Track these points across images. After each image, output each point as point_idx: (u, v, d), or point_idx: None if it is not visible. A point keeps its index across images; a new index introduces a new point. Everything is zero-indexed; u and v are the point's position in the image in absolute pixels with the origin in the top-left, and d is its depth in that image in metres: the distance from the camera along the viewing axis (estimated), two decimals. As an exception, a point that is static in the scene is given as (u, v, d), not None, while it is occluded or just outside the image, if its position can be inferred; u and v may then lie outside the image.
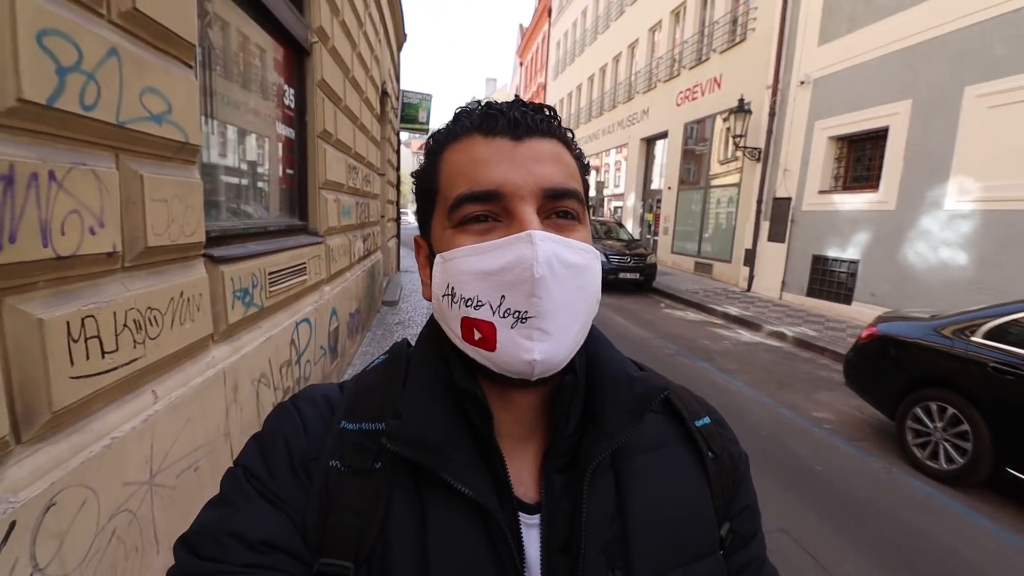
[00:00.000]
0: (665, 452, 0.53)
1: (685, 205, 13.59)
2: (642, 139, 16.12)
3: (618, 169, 18.78)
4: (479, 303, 0.44)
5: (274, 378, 2.57)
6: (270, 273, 2.55)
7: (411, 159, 46.03)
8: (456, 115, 0.50)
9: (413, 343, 0.58)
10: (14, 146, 1.09)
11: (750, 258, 10.46)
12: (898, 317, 4.04)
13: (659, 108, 14.85)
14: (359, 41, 5.12)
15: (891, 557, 2.59)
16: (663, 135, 14.75)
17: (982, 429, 3.07)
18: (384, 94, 7.86)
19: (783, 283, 9.57)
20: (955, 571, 2.53)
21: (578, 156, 0.52)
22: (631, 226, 16.72)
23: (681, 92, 13.53)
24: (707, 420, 0.58)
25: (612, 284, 10.19)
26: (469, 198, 0.45)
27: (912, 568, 2.53)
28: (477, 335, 0.45)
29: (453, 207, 0.46)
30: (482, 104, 0.49)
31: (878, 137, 7.78)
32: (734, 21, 11.38)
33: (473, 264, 0.44)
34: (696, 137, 13.15)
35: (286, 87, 3.31)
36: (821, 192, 8.78)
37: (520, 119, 0.46)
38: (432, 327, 0.54)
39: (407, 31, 10.68)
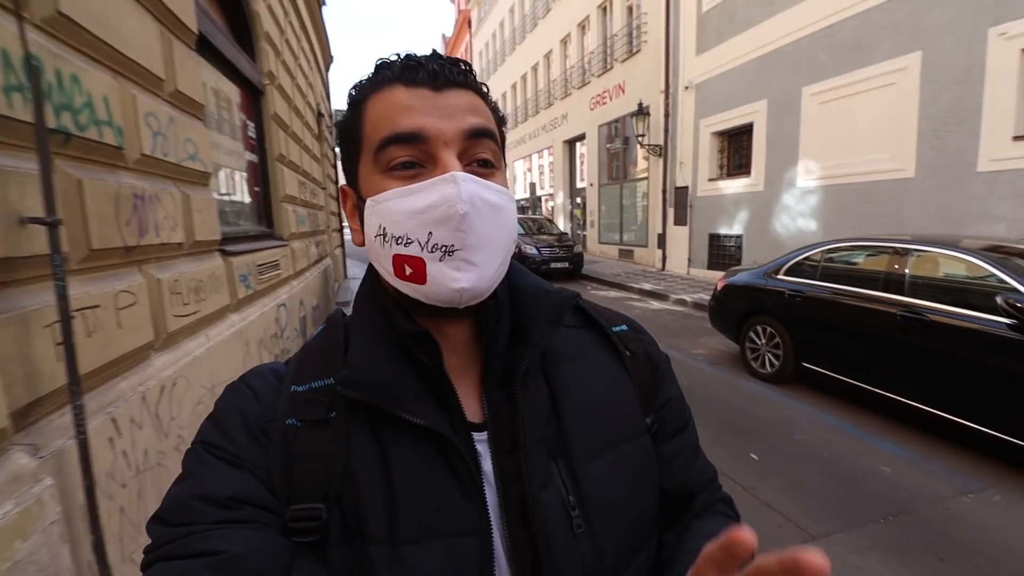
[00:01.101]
0: (588, 357, 0.59)
1: (606, 199, 15.01)
2: (564, 141, 17.50)
3: (552, 171, 20.07)
4: (408, 240, 0.47)
5: (268, 343, 3.40)
6: (258, 265, 3.38)
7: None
8: (378, 66, 0.52)
9: (343, 311, 0.61)
10: (142, 180, 1.94)
11: (662, 241, 11.92)
12: (739, 270, 5.34)
13: (576, 112, 16.24)
14: (296, 73, 5.91)
15: (724, 428, 3.74)
16: (582, 137, 16.16)
17: (786, 338, 4.34)
18: (319, 115, 8.59)
19: (689, 260, 11.05)
20: (760, 428, 3.72)
21: (494, 108, 0.55)
22: (562, 222, 18.07)
23: (593, 97, 14.95)
24: (624, 327, 0.64)
25: (545, 274, 11.24)
26: (393, 139, 0.47)
27: (734, 430, 3.70)
28: (408, 270, 0.48)
29: (379, 149, 0.48)
30: (401, 56, 0.51)
31: (747, 131, 9.33)
32: (629, 34, 12.86)
33: (402, 204, 0.47)
34: (610, 137, 14.58)
35: (248, 122, 4.11)
36: (710, 180, 10.30)
37: (439, 71, 0.49)
38: (366, 286, 0.57)
39: (333, 52, 11.38)
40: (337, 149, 0.58)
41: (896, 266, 3.64)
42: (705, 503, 0.63)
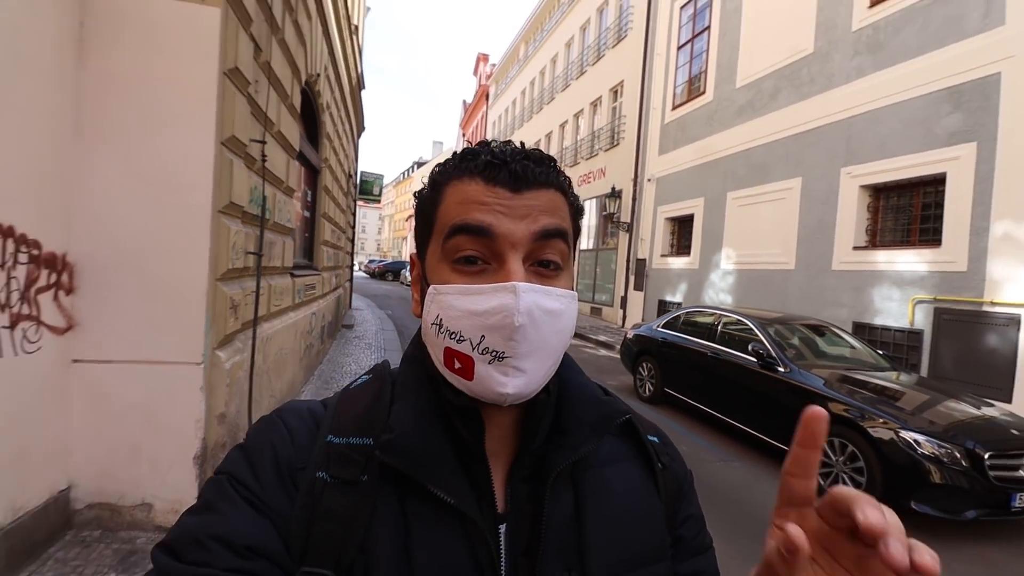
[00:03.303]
0: (619, 466, 0.57)
1: (584, 264, 17.15)
2: (555, 209, 19.84)
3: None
4: (461, 338, 0.47)
5: (303, 335, 5.30)
6: (305, 285, 5.33)
7: (362, 214, 49.13)
8: (463, 154, 0.53)
9: (390, 363, 0.60)
10: (271, 233, 3.91)
11: (623, 303, 13.89)
12: (641, 324, 7.26)
13: (567, 186, 18.65)
14: (339, 150, 8.10)
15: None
16: (570, 207, 18.48)
17: (656, 371, 6.19)
18: (349, 176, 10.82)
19: (643, 319, 12.97)
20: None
21: (572, 203, 0.54)
22: (547, 279, 20.17)
23: (581, 175, 17.40)
24: (656, 438, 0.62)
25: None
26: (462, 229, 0.48)
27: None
28: (457, 364, 0.48)
29: (448, 236, 0.49)
30: (488, 148, 0.52)
31: (690, 220, 11.51)
32: (612, 130, 15.41)
33: (461, 303, 0.47)
34: (590, 210, 16.88)
35: (308, 190, 6.18)
36: (662, 256, 12.40)
37: (521, 173, 0.49)
38: (417, 348, 0.56)
39: (365, 118, 13.83)
40: (412, 220, 0.75)
41: (713, 323, 5.57)
42: None
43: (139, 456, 2.56)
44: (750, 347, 4.80)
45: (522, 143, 0.54)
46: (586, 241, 17.19)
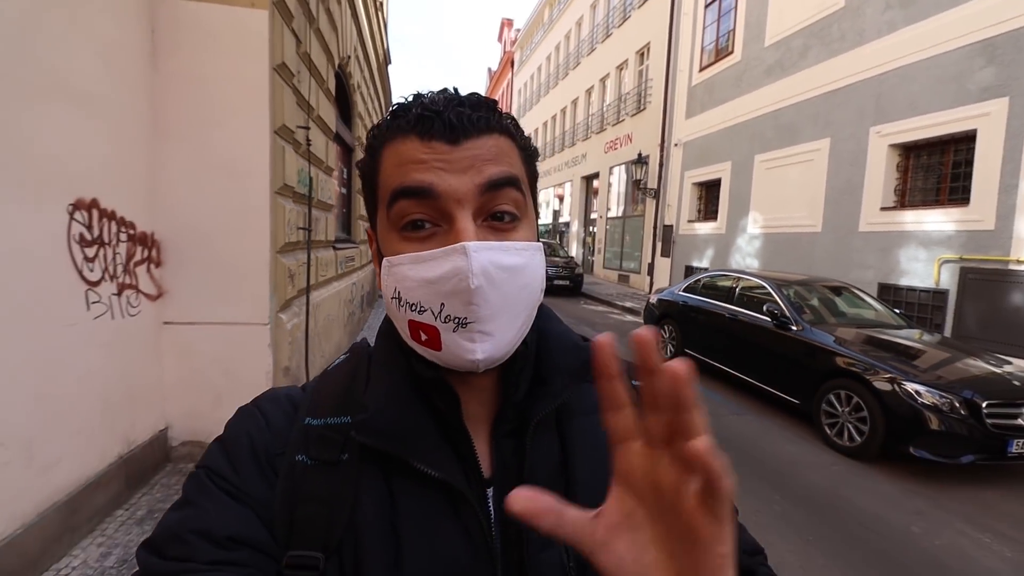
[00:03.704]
0: None
1: (612, 232, 17.20)
2: (582, 177, 19.85)
3: (572, 202, 22.44)
4: (422, 308, 0.46)
5: (345, 304, 5.77)
6: (345, 257, 5.77)
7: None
8: (394, 112, 0.49)
9: (368, 340, 0.59)
10: (316, 210, 4.32)
11: (651, 269, 14.01)
12: (663, 289, 7.47)
13: (593, 153, 18.60)
14: (369, 126, 8.44)
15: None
16: (597, 175, 18.47)
17: (677, 333, 6.45)
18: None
19: (669, 286, 13.08)
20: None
21: (523, 145, 0.51)
22: (574, 248, 20.32)
23: (607, 142, 17.29)
24: None
25: (549, 289, 13.41)
26: (402, 193, 0.46)
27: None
28: (423, 336, 0.47)
29: (391, 203, 0.47)
30: (420, 100, 0.48)
31: (717, 185, 11.45)
32: (639, 94, 15.19)
33: (415, 272, 0.46)
34: (617, 178, 16.85)
35: (343, 168, 6.56)
36: (689, 221, 12.41)
37: (456, 122, 0.45)
38: (389, 323, 0.54)
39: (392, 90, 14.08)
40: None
41: (732, 286, 5.77)
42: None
43: (220, 402, 3.04)
44: (765, 308, 5.01)
45: (455, 88, 0.50)
46: (614, 209, 17.22)
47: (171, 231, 2.91)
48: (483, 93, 0.54)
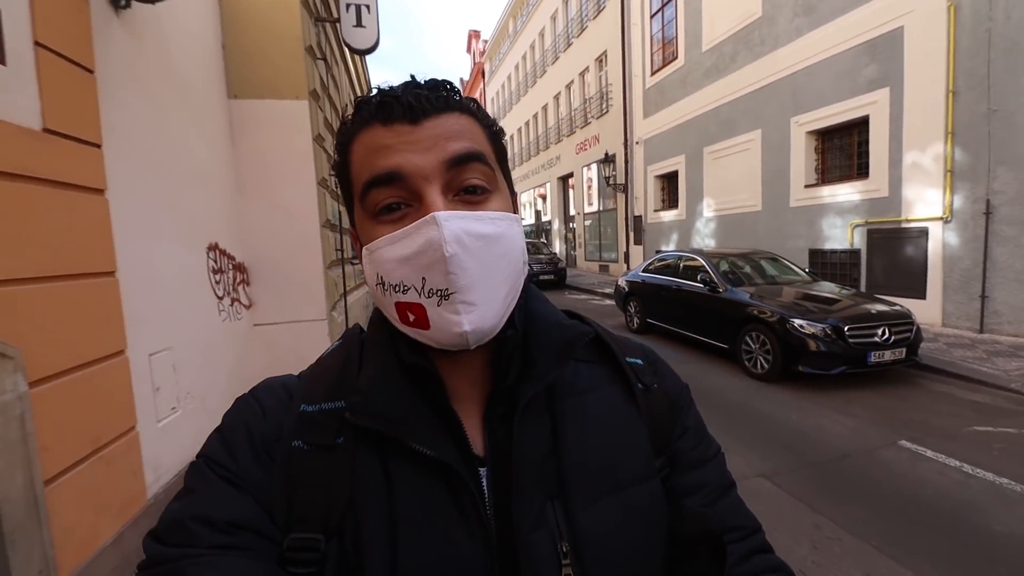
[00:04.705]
0: (597, 392, 0.56)
1: (591, 226, 18.54)
2: (558, 178, 21.18)
3: (551, 201, 23.76)
4: (405, 287, 0.47)
5: (365, 308, 7.02)
6: (358, 270, 7.01)
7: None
8: (356, 106, 0.51)
9: (361, 327, 0.61)
10: (337, 233, 5.57)
11: (626, 257, 15.34)
12: (628, 272, 8.79)
13: (566, 155, 19.94)
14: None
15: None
16: (571, 175, 19.80)
17: (641, 307, 7.75)
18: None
19: (645, 271, 14.45)
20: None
21: (486, 124, 0.52)
22: (557, 244, 21.65)
23: (578, 144, 18.62)
24: (639, 360, 0.62)
25: (536, 284, 14.85)
26: (372, 182, 0.47)
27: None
28: (411, 316, 0.48)
29: (363, 194, 0.48)
30: (378, 92, 0.50)
31: (675, 176, 12.80)
32: (601, 98, 16.54)
33: (392, 252, 0.47)
34: (591, 175, 18.18)
35: (349, 196, 7.83)
36: (655, 211, 13.76)
37: (415, 103, 0.47)
38: (379, 311, 0.56)
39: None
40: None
41: (676, 262, 7.09)
42: (748, 568, 0.54)
43: (297, 378, 4.29)
44: (699, 277, 6.32)
45: (412, 76, 0.51)
46: (593, 205, 18.56)
47: (254, 259, 4.15)
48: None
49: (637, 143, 14.22)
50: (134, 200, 2.61)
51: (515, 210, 0.53)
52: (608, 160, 15.12)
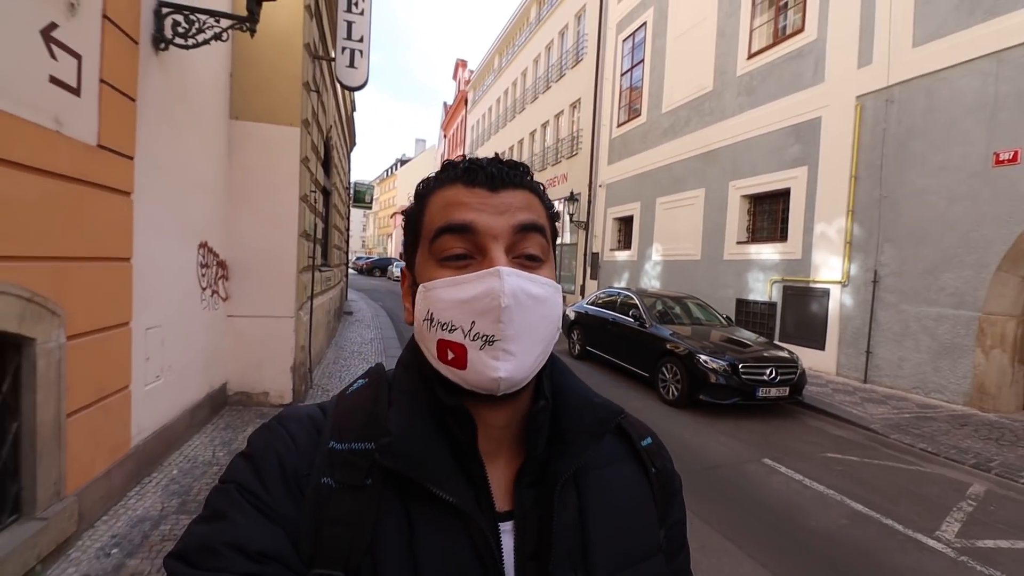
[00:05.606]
0: (617, 467, 0.61)
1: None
2: (527, 209, 22.13)
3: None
4: (453, 327, 0.50)
5: (328, 313, 7.54)
6: (325, 278, 7.57)
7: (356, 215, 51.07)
8: (443, 166, 0.57)
9: (385, 366, 0.63)
10: (309, 243, 6.16)
11: (582, 291, 16.27)
12: (574, 304, 9.63)
13: (536, 189, 20.94)
14: (341, 172, 10.30)
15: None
16: (539, 207, 20.78)
17: (581, 336, 8.55)
18: (346, 188, 13.00)
19: (597, 305, 15.38)
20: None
21: (547, 205, 0.59)
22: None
23: (547, 180, 19.68)
24: (649, 441, 0.66)
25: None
26: (447, 229, 0.52)
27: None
28: (450, 355, 0.50)
29: (434, 239, 0.53)
30: (466, 159, 0.56)
31: (630, 220, 13.89)
32: (572, 141, 17.73)
33: (450, 293, 0.50)
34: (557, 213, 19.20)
35: (323, 208, 8.39)
36: (611, 250, 14.80)
37: (496, 174, 0.53)
38: (412, 353, 0.58)
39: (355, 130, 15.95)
40: (401, 233, 0.64)
41: (615, 299, 7.95)
42: None
43: (261, 367, 4.81)
44: (630, 312, 7.18)
45: (496, 153, 0.59)
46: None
47: (235, 258, 4.70)
48: (439, 125, 1.12)
49: (600, 186, 15.33)
50: (149, 202, 3.20)
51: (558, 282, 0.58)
52: (573, 198, 16.17)
